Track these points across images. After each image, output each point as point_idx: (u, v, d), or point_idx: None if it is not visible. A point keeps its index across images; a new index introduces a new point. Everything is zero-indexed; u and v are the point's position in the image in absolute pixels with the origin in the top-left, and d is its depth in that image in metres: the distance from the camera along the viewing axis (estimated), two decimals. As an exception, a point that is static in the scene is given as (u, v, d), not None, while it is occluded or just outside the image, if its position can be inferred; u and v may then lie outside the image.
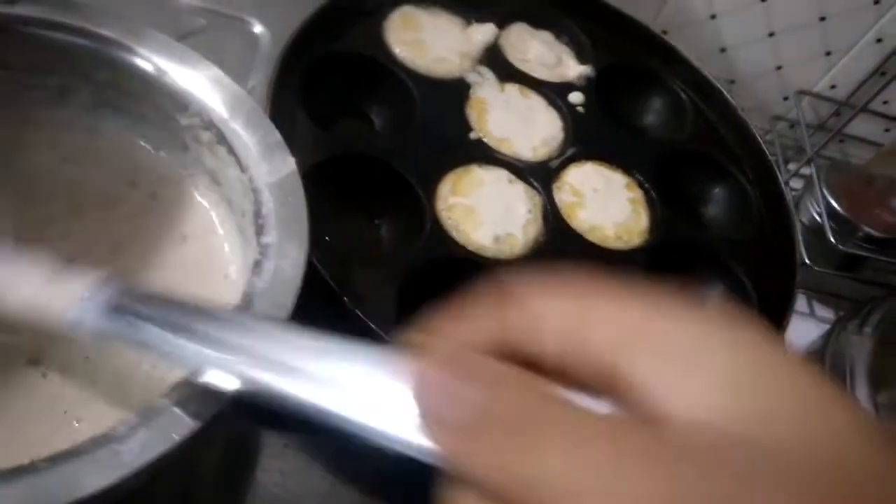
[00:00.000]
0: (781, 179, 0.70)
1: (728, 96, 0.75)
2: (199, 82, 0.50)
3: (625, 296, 0.24)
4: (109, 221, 0.51)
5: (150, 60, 0.50)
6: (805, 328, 1.19)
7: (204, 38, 0.76)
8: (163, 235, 0.51)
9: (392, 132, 0.64)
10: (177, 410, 0.36)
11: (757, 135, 0.73)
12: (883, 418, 0.92)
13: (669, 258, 0.64)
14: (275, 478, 0.55)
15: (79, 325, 0.36)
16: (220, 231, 0.52)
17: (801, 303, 1.21)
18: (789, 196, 0.68)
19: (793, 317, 1.16)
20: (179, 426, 0.36)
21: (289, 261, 0.43)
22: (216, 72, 0.50)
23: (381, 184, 0.59)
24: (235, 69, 0.74)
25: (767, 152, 0.71)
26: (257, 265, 0.42)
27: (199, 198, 0.52)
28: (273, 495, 0.54)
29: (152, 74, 0.50)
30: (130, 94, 0.52)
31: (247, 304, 0.41)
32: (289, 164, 0.47)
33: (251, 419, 0.56)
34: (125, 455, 0.35)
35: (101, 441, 0.35)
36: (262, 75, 0.72)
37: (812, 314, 1.24)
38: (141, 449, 0.35)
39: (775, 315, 0.62)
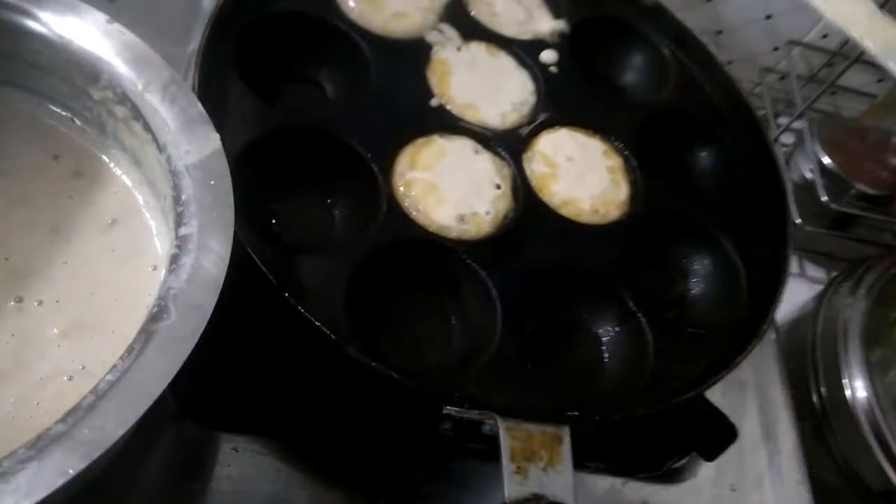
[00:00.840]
0: (771, 139, 0.64)
1: (713, 50, 0.68)
2: (109, 50, 0.43)
3: None
4: (34, 199, 0.45)
5: (52, 26, 0.43)
6: (797, 289, 1.15)
7: (140, -3, 0.69)
8: (89, 218, 0.45)
9: (343, 101, 0.58)
10: (75, 437, 0.31)
11: (743, 92, 0.67)
12: (875, 377, 0.89)
13: (651, 232, 0.58)
14: (224, 485, 0.50)
15: None
16: (147, 216, 0.46)
17: (792, 262, 1.17)
18: (780, 158, 0.63)
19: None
20: (76, 456, 0.31)
21: (211, 256, 0.37)
22: (129, 37, 0.44)
23: (331, 160, 0.53)
24: (175, 31, 0.67)
25: (755, 109, 0.65)
26: (174, 261, 0.37)
27: (122, 178, 0.46)
28: (224, 501, 0.50)
29: (56, 42, 0.43)
30: (36, 65, 0.45)
31: (163, 309, 0.35)
32: (212, 141, 0.41)
33: (196, 422, 0.52)
34: (8, 497, 0.29)
35: (-19, 479, 0.30)
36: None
37: (803, 275, 1.20)
38: (28, 488, 0.30)
39: (767, 288, 0.57)
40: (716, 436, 0.57)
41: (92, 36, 0.44)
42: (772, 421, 0.67)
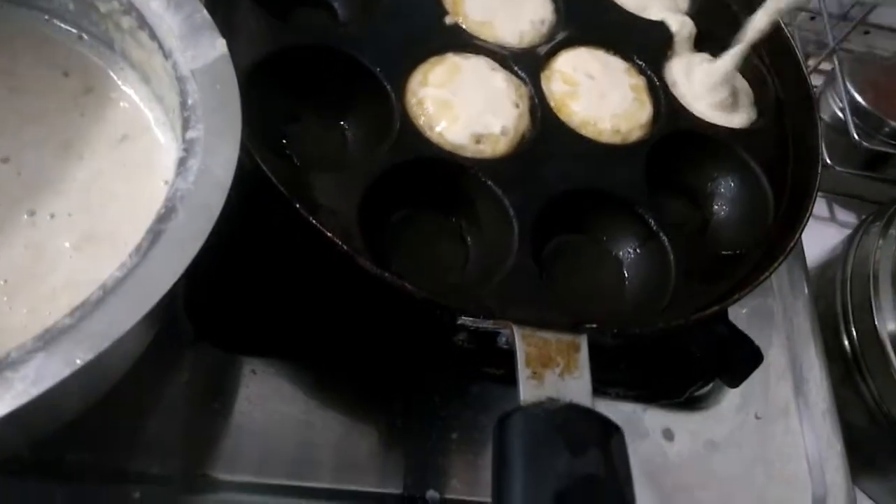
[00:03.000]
0: (804, 64, 0.61)
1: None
2: (113, -42, 0.42)
3: None
4: (44, 116, 0.44)
5: (53, -66, 0.42)
6: (825, 233, 1.13)
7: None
8: (100, 134, 0.45)
9: (355, 20, 0.57)
10: (83, 330, 0.31)
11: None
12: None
13: (674, 152, 0.56)
14: (242, 406, 0.50)
15: None
16: (157, 132, 0.45)
17: (820, 206, 1.14)
18: (809, 78, 0.60)
19: (811, 222, 1.09)
20: (84, 348, 0.30)
21: (218, 157, 0.37)
22: (133, -56, 0.43)
23: (343, 78, 0.52)
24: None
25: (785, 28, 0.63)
26: (182, 164, 0.36)
27: (132, 94, 0.46)
28: (245, 423, 0.50)
29: (58, -50, 0.43)
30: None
31: (171, 210, 0.35)
32: (218, 46, 0.40)
33: (215, 345, 0.52)
34: (18, 384, 0.29)
35: (-10, 368, 0.30)
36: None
37: (833, 218, 1.17)
38: (36, 376, 0.29)
39: (793, 212, 0.55)
40: (741, 360, 0.56)
41: (95, -54, 0.43)
42: (799, 350, 0.66)
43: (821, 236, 1.04)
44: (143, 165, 0.44)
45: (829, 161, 1.03)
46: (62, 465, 0.44)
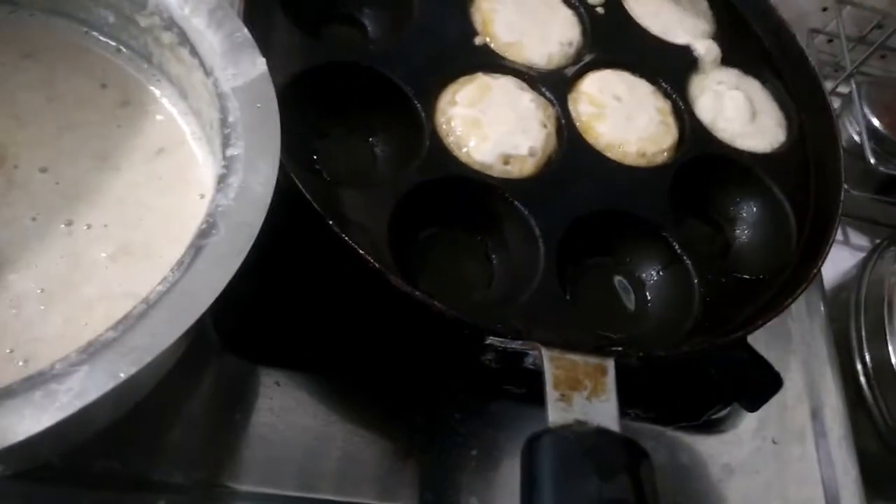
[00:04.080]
0: (826, 90, 0.62)
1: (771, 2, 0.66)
2: (156, -26, 0.43)
3: None
4: (82, 128, 0.45)
5: (98, -50, 0.43)
6: (840, 256, 1.12)
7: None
8: (137, 146, 0.45)
9: (386, 38, 0.57)
10: (126, 343, 0.32)
11: (795, 36, 0.65)
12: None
13: (699, 177, 0.57)
14: (265, 417, 0.51)
15: None
16: (193, 146, 0.46)
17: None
18: (831, 105, 0.61)
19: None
20: (127, 361, 0.31)
21: (258, 175, 0.37)
22: (176, -38, 0.44)
23: (374, 96, 0.53)
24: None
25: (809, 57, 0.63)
26: (222, 180, 0.37)
27: (169, 107, 0.46)
28: (264, 434, 0.50)
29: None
30: (83, -6, 0.45)
31: (212, 225, 0.35)
32: (258, 65, 0.41)
33: (240, 356, 0.52)
34: (62, 396, 0.30)
35: (37, 380, 0.30)
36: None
37: (847, 242, 1.17)
38: (81, 389, 0.30)
39: (818, 234, 0.55)
40: (760, 385, 0.56)
41: (138, -39, 0.43)
42: (816, 376, 0.66)
43: (835, 259, 1.03)
44: (179, 179, 0.44)
45: (844, 184, 1.03)
46: (90, 472, 0.45)
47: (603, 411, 0.40)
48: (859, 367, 0.91)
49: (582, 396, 0.40)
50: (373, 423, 0.52)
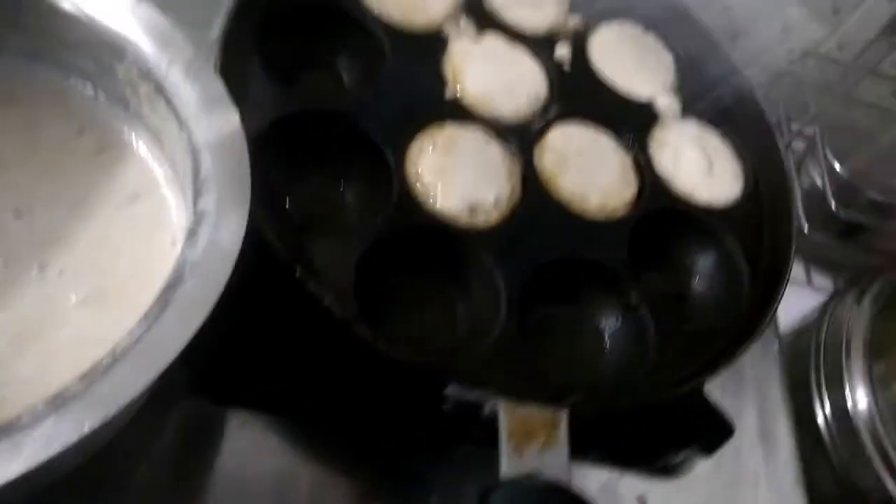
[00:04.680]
0: (782, 142, 0.65)
1: (724, 49, 0.69)
2: (134, 27, 0.45)
3: None
4: (57, 173, 0.46)
5: (79, 4, 0.45)
6: (802, 298, 1.15)
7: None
8: (111, 192, 0.46)
9: (359, 88, 0.59)
10: (92, 395, 0.33)
11: (755, 95, 0.68)
12: (878, 389, 0.89)
13: (656, 229, 0.59)
14: (231, 459, 0.52)
15: None
16: (167, 192, 0.47)
17: (798, 270, 1.16)
18: (789, 161, 0.64)
19: (789, 286, 1.12)
20: (93, 413, 0.32)
21: (227, 231, 0.39)
22: (155, 16, 0.45)
23: (345, 144, 0.54)
24: (198, 16, 0.68)
25: (768, 113, 0.66)
26: (191, 234, 0.38)
27: (144, 154, 0.48)
28: (230, 476, 0.51)
29: (82, 20, 0.45)
30: (63, 42, 0.47)
31: (180, 278, 0.37)
32: (231, 120, 0.42)
33: (205, 397, 0.53)
34: (27, 447, 0.31)
35: (3, 431, 0.31)
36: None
37: (809, 283, 1.20)
38: (46, 440, 0.31)
39: (769, 288, 0.58)
40: (712, 432, 0.58)
41: (118, 15, 0.45)
42: (770, 421, 0.68)
43: (798, 301, 1.07)
44: (152, 224, 0.46)
45: (806, 227, 1.06)
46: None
47: (555, 463, 0.41)
48: (818, 410, 0.94)
49: (535, 448, 0.41)
50: (338, 465, 0.53)
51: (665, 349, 0.54)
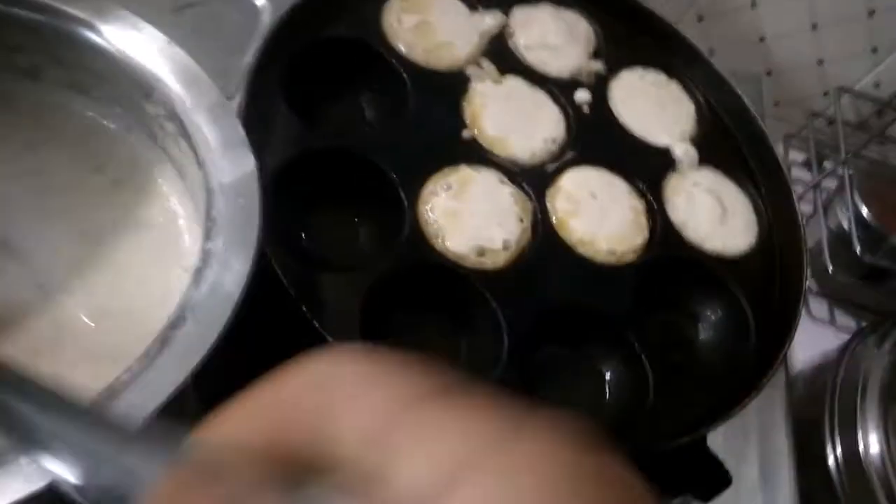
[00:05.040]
0: (796, 199, 0.65)
1: (745, 101, 0.70)
2: (163, 68, 0.47)
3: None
4: (71, 205, 0.49)
5: (113, 41, 0.47)
6: (824, 337, 1.14)
7: (202, 9, 0.72)
8: (126, 219, 0.49)
9: (379, 126, 0.61)
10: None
11: (774, 148, 0.68)
12: (893, 434, 0.89)
13: (664, 277, 0.60)
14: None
15: None
16: (182, 223, 0.49)
17: (821, 309, 1.16)
18: (801, 221, 0.64)
19: (811, 324, 1.11)
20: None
21: (232, 272, 0.40)
22: (184, 58, 0.47)
23: (363, 181, 0.56)
24: (232, 43, 0.71)
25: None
26: (197, 273, 0.40)
27: (163, 187, 0.50)
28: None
29: (115, 56, 0.47)
30: (98, 76, 0.49)
31: (181, 318, 0.38)
32: (247, 164, 0.44)
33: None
34: (16, 482, 0.33)
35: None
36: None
37: (832, 322, 1.19)
38: (37, 475, 0.33)
39: (773, 345, 0.58)
40: (710, 480, 0.59)
41: (149, 54, 0.47)
42: (772, 468, 0.68)
43: (820, 339, 1.06)
44: (166, 254, 0.48)
45: (831, 267, 1.06)
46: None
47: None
48: (829, 451, 0.93)
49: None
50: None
51: (666, 398, 0.55)
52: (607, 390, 0.57)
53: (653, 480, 0.58)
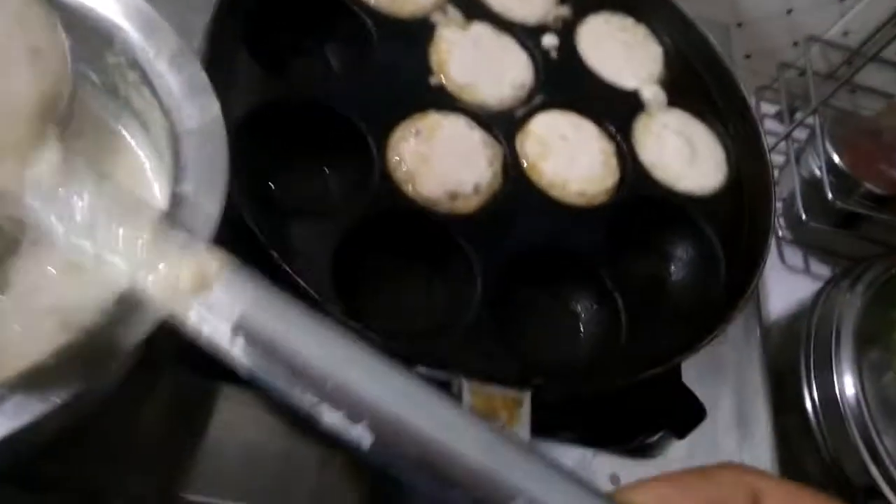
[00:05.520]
0: (764, 137, 0.65)
1: (714, 44, 0.70)
2: (123, 17, 0.46)
3: None
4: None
5: (70, -8, 0.46)
6: (799, 285, 1.16)
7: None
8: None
9: (345, 75, 0.61)
10: (63, 370, 0.35)
11: (742, 88, 0.68)
12: (867, 377, 0.90)
13: (635, 217, 0.60)
14: (219, 430, 0.54)
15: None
16: (152, 178, 0.49)
17: (796, 258, 1.17)
18: (769, 156, 0.64)
19: (786, 272, 1.12)
20: (62, 388, 0.34)
21: (202, 216, 0.40)
22: (143, 5, 0.47)
23: (330, 130, 0.56)
24: (195, 2, 0.70)
25: (752, 107, 0.67)
26: (167, 217, 0.40)
27: (128, 138, 0.50)
28: (218, 448, 0.53)
29: (75, 7, 0.47)
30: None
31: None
32: (213, 109, 0.44)
33: (193, 369, 0.55)
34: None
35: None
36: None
37: (807, 270, 1.21)
38: (14, 411, 0.33)
39: (743, 279, 0.59)
40: (685, 415, 0.60)
41: (108, 3, 0.47)
42: (747, 405, 0.69)
43: (795, 288, 1.07)
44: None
45: (804, 215, 1.07)
46: (38, 479, 0.48)
47: (514, 441, 0.43)
48: (806, 396, 0.95)
49: (496, 426, 0.43)
50: (310, 440, 0.55)
51: (639, 333, 0.56)
52: (581, 329, 0.57)
53: (631, 417, 0.59)
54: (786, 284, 1.14)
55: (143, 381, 0.53)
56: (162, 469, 0.52)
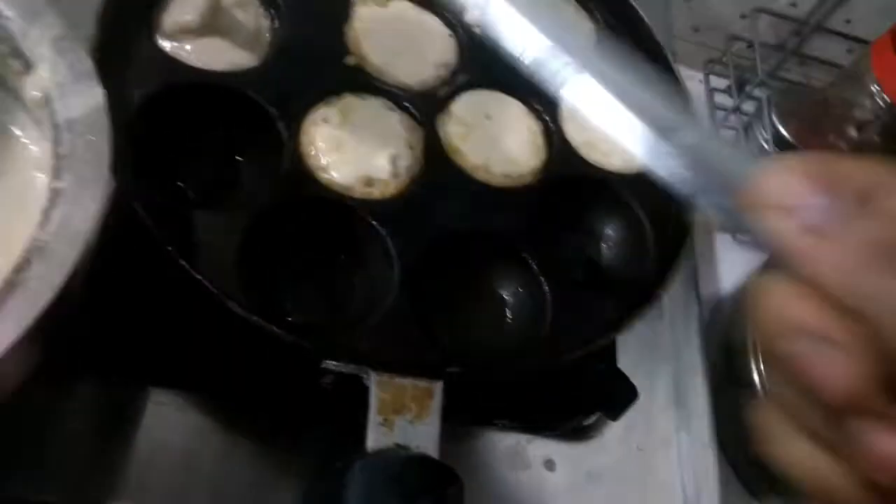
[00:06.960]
0: (692, 109, 0.64)
1: (640, 13, 0.68)
2: (2, 2, 0.44)
3: None
4: None
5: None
6: (749, 258, 1.16)
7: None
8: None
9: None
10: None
11: (670, 59, 0.67)
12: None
13: (562, 196, 0.59)
14: (149, 436, 0.51)
15: None
16: (37, 173, 0.46)
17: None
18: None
19: (737, 247, 1.12)
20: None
21: (82, 210, 0.38)
22: (23, -10, 0.44)
23: (239, 115, 0.54)
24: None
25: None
26: (44, 214, 0.38)
27: (16, 132, 0.47)
28: (147, 455, 0.51)
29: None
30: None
31: (26, 263, 0.36)
32: (95, 96, 0.42)
33: (119, 374, 0.53)
34: None
35: None
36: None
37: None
38: None
39: (670, 257, 0.58)
40: (617, 395, 0.59)
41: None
42: (684, 385, 0.69)
43: (745, 262, 1.07)
44: (26, 201, 0.45)
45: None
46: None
47: (424, 435, 0.42)
48: (754, 369, 0.95)
49: (405, 420, 0.42)
50: (239, 439, 0.53)
51: (567, 315, 0.54)
52: (508, 314, 0.56)
53: (563, 401, 0.58)
54: (736, 258, 1.14)
55: (64, 387, 0.51)
56: (91, 479, 0.50)
